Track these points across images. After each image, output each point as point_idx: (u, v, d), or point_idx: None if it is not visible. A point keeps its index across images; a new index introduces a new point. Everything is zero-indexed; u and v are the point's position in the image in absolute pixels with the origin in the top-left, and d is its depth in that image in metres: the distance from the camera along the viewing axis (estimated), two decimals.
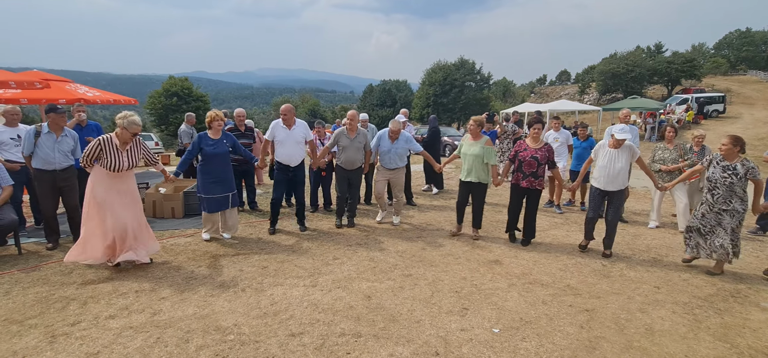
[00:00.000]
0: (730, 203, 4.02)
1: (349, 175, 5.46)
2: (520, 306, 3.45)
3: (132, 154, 4.00)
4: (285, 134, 5.07)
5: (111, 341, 2.84)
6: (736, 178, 3.95)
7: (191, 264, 4.27)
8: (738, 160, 4.01)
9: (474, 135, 5.04)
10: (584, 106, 27.03)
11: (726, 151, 4.02)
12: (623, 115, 6.20)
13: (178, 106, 33.26)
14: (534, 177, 4.81)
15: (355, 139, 5.36)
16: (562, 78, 57.13)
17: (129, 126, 3.86)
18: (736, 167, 3.98)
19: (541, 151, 4.80)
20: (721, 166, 4.06)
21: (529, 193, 4.88)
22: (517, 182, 4.91)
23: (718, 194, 4.06)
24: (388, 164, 5.60)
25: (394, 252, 4.73)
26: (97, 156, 3.83)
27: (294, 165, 5.17)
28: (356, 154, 5.38)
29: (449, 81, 38.16)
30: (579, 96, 41.38)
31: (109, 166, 3.85)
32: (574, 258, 4.64)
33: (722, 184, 4.02)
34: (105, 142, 3.84)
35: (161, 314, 3.23)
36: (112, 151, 3.86)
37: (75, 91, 8.97)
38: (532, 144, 4.90)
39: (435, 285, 3.84)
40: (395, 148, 5.54)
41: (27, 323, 3.08)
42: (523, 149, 4.88)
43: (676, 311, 3.44)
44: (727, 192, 4.00)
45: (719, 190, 4.05)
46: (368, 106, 47.77)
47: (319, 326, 3.08)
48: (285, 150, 5.09)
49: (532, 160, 4.77)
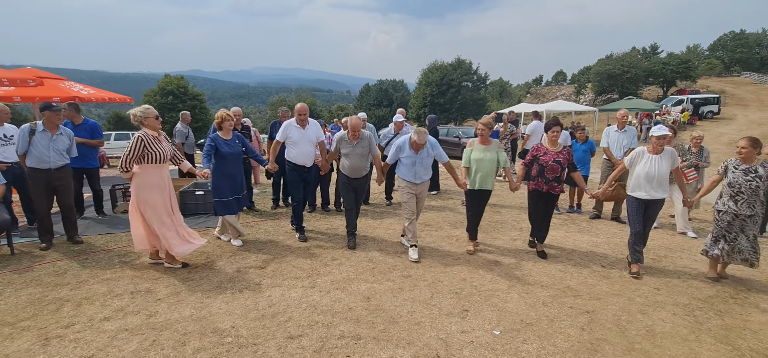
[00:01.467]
0: (753, 208, 3.88)
1: (353, 184, 4.97)
2: (521, 308, 3.43)
3: (166, 144, 4.00)
4: (299, 134, 4.95)
5: (106, 344, 2.78)
6: (759, 180, 3.83)
7: (188, 264, 4.21)
8: (757, 162, 3.90)
9: (484, 140, 4.64)
10: (580, 107, 27.14)
11: (746, 155, 3.90)
12: (621, 116, 6.20)
13: (173, 105, 33.05)
14: (557, 182, 4.56)
15: (358, 145, 4.85)
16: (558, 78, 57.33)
17: (148, 114, 3.82)
18: (757, 169, 3.86)
19: (562, 154, 4.56)
20: (741, 171, 3.91)
21: (548, 197, 4.64)
22: (539, 188, 4.62)
23: (743, 199, 3.89)
24: (414, 179, 4.61)
25: (393, 253, 4.70)
26: (142, 154, 3.74)
27: (309, 165, 5.08)
28: (360, 161, 4.86)
29: (446, 81, 38.20)
30: (575, 96, 41.55)
31: (155, 159, 3.80)
32: (573, 259, 4.62)
33: (747, 188, 3.85)
34: (145, 136, 3.76)
35: (157, 316, 3.18)
36: (154, 143, 3.81)
37: (69, 89, 8.87)
38: (551, 147, 4.63)
39: (434, 286, 3.81)
40: (420, 158, 4.60)
41: (19, 325, 3.01)
42: (544, 154, 4.60)
43: (676, 312, 3.43)
44: (752, 196, 3.86)
45: (744, 195, 3.88)
46: (365, 106, 47.70)
47: (318, 328, 3.04)
48: (300, 150, 4.97)
49: (555, 164, 4.51)
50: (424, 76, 40.35)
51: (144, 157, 3.77)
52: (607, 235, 5.58)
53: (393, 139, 6.73)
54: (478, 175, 4.56)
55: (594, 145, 6.63)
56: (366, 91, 54.49)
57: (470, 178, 4.61)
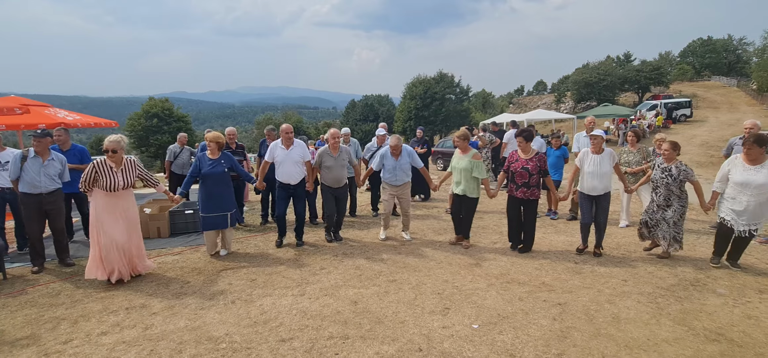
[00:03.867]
0: (669, 201, 4.58)
1: (335, 193, 5.55)
2: (498, 303, 3.67)
3: (126, 174, 4.21)
4: (284, 155, 5.23)
5: (105, 356, 2.92)
6: (671, 179, 4.53)
7: (180, 280, 4.35)
8: (674, 163, 4.56)
9: (462, 149, 5.23)
10: (560, 115, 27.96)
11: (668, 156, 4.56)
12: (588, 123, 6.59)
13: (158, 127, 32.88)
14: (526, 187, 4.88)
15: (339, 157, 5.45)
16: (538, 88, 58.92)
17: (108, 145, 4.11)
18: (671, 169, 4.55)
19: (532, 161, 4.86)
20: (659, 169, 4.64)
21: (525, 203, 4.94)
22: (512, 193, 5.02)
23: (660, 193, 4.63)
24: (395, 182, 5.52)
25: (379, 260, 4.91)
26: (93, 179, 4.05)
27: (294, 183, 5.29)
28: (342, 172, 5.47)
29: (430, 94, 38.92)
30: (556, 105, 42.71)
31: (106, 187, 4.07)
32: (548, 258, 4.90)
33: (662, 184, 4.59)
34: (99, 164, 4.06)
35: (153, 328, 3.32)
36: (107, 171, 4.08)
37: (55, 116, 8.91)
38: (522, 155, 4.98)
39: (418, 288, 4.03)
40: (400, 164, 5.48)
41: (18, 343, 3.12)
42: (515, 160, 4.98)
43: (641, 300, 3.71)
44: (666, 191, 4.57)
45: (660, 189, 4.62)
46: (351, 121, 48.10)
47: (308, 331, 3.22)
48: (284, 169, 5.23)
49: (523, 171, 4.86)
50: (409, 90, 41.06)
51: (96, 183, 4.08)
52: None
53: (376, 151, 7.00)
54: (454, 179, 5.29)
55: (566, 151, 7.00)
56: (352, 107, 54.94)
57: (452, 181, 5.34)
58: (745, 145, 4.25)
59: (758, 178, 4.12)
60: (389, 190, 5.59)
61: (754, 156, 4.19)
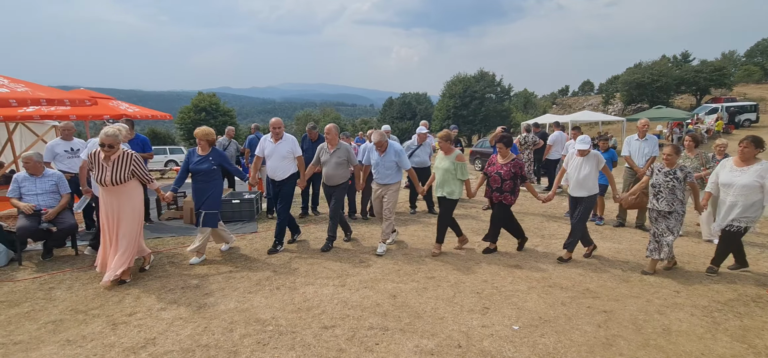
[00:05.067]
0: (673, 206, 4.34)
1: (330, 192, 5.25)
2: (540, 307, 3.61)
3: (117, 168, 3.93)
4: (271, 149, 5.02)
5: (165, 329, 3.17)
6: (677, 182, 4.32)
7: (229, 265, 4.62)
8: (677, 167, 4.39)
9: (445, 150, 5.04)
10: (607, 117, 26.63)
11: (671, 161, 4.36)
12: (641, 125, 6.27)
13: (206, 121, 34.55)
14: (499, 192, 4.94)
15: (335, 153, 5.13)
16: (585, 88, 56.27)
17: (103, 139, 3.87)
18: (675, 172, 4.35)
19: (507, 166, 4.89)
20: (662, 173, 4.42)
21: (498, 206, 5.04)
22: (489, 196, 5.10)
23: (663, 198, 4.39)
24: (378, 179, 5.22)
25: (416, 258, 4.95)
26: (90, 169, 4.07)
27: (278, 179, 5.05)
28: (335, 170, 5.15)
29: (469, 93, 38.28)
30: (603, 106, 40.67)
31: (96, 179, 4.00)
32: (593, 264, 4.74)
33: (665, 187, 4.36)
34: (91, 155, 4.00)
35: (206, 307, 3.56)
36: (97, 164, 3.95)
37: (117, 108, 9.67)
38: (500, 160, 5.03)
39: (457, 287, 4.04)
40: (383, 161, 5.11)
41: (90, 313, 3.45)
42: (492, 164, 5.05)
43: (694, 313, 3.51)
44: (669, 194, 4.33)
45: (663, 193, 4.38)
46: (388, 119, 48.27)
47: (349, 320, 3.33)
48: (270, 164, 5.05)
49: (497, 175, 4.92)
50: (448, 88, 40.58)
51: (91, 174, 4.08)
52: (630, 242, 5.64)
53: (416, 150, 7.03)
54: (437, 181, 5.06)
55: (615, 154, 6.70)
56: (389, 105, 55.14)
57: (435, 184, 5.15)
58: (742, 144, 4.30)
59: (742, 179, 4.20)
60: (375, 187, 5.31)
61: (747, 156, 4.27)
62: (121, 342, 2.98)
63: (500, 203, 5.00)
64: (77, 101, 8.17)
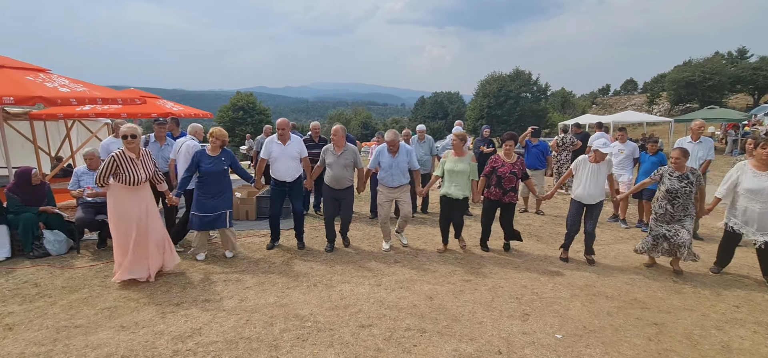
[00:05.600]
0: (687, 210, 4.37)
1: (337, 195, 5.08)
2: (584, 316, 3.46)
3: (145, 165, 3.98)
4: (280, 150, 4.95)
5: (210, 320, 3.29)
6: (691, 186, 4.32)
7: (267, 260, 4.74)
8: (688, 171, 4.38)
9: (459, 151, 4.95)
10: (653, 118, 25.20)
11: (680, 164, 4.35)
12: (696, 127, 5.88)
13: (243, 120, 35.79)
14: (513, 191, 4.95)
15: (341, 156, 4.96)
16: (627, 88, 53.53)
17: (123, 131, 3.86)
18: (688, 176, 4.34)
19: (517, 165, 4.93)
20: (676, 178, 4.36)
21: (505, 206, 5.01)
22: (498, 198, 4.96)
23: (679, 203, 4.36)
24: (391, 182, 5.06)
25: (452, 259, 4.88)
26: (114, 171, 3.77)
27: (290, 181, 5.01)
28: (343, 172, 4.96)
29: (504, 92, 37.46)
30: (648, 107, 38.60)
31: (126, 181, 3.79)
32: (641, 274, 4.49)
33: (683, 193, 4.32)
34: (119, 156, 3.78)
35: (247, 300, 3.66)
36: (127, 163, 3.80)
37: (164, 106, 10.18)
38: (507, 159, 4.96)
39: (495, 291, 3.95)
40: (397, 162, 5.02)
41: (141, 301, 3.64)
42: (501, 165, 4.94)
43: (758, 331, 3.25)
44: (687, 199, 4.34)
45: (680, 199, 4.34)
46: (420, 118, 48.06)
47: (386, 320, 3.33)
48: (280, 165, 4.96)
49: (512, 175, 4.88)
50: (482, 87, 39.89)
51: (117, 176, 3.79)
52: None
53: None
54: (451, 183, 4.91)
55: (665, 158, 6.31)
56: (421, 104, 54.92)
57: (443, 186, 4.99)
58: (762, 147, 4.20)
59: None
60: (385, 193, 5.11)
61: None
62: (169, 330, 3.12)
63: (505, 203, 4.99)
64: (128, 100, 8.67)
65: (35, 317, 3.30)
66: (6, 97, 4.89)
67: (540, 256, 5.05)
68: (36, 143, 8.57)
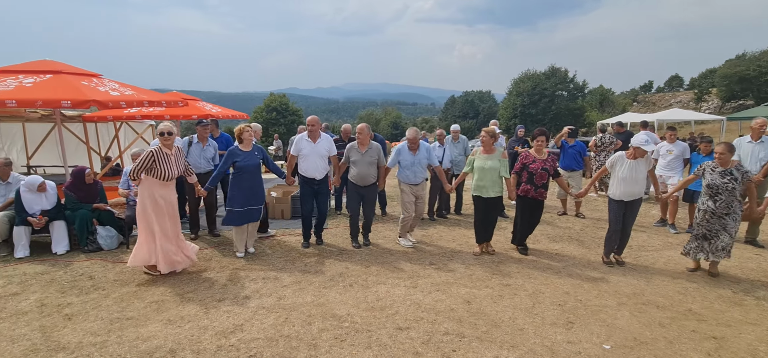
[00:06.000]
0: (731, 207, 4.17)
1: (362, 192, 5.18)
2: (633, 326, 3.27)
3: (179, 161, 4.20)
4: (310, 148, 5.03)
5: (250, 317, 3.37)
6: (735, 183, 4.12)
7: (303, 259, 4.80)
8: (733, 165, 4.19)
9: (487, 148, 4.89)
10: (702, 116, 23.69)
11: (725, 159, 4.16)
12: (758, 125, 5.44)
13: (276, 120, 36.69)
14: (544, 188, 4.92)
15: (366, 154, 5.05)
16: (672, 84, 50.58)
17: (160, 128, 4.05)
18: (732, 172, 4.15)
19: (549, 161, 4.89)
20: (718, 173, 4.20)
21: (535, 203, 4.98)
22: (527, 194, 4.93)
23: (721, 200, 4.18)
24: (414, 179, 5.15)
25: (488, 262, 4.77)
26: (149, 167, 3.97)
27: (318, 178, 5.09)
28: (368, 169, 5.07)
29: (539, 90, 36.37)
30: (695, 104, 36.34)
31: (161, 176, 4.00)
32: (694, 282, 4.21)
33: (724, 189, 4.14)
34: (157, 152, 3.99)
35: (285, 299, 3.72)
36: (163, 159, 4.02)
37: (204, 108, 10.59)
38: (538, 156, 4.92)
39: (536, 297, 3.81)
40: (418, 159, 5.12)
41: (186, 296, 3.78)
42: (532, 162, 4.89)
43: None
44: (729, 196, 4.15)
45: (722, 196, 4.17)
46: (450, 118, 47.50)
47: (423, 324, 3.28)
48: (309, 163, 5.03)
49: (543, 171, 4.84)
50: (515, 86, 38.90)
51: (151, 171, 3.99)
52: (740, 259, 4.92)
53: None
54: (483, 181, 4.85)
55: None
56: (451, 103, 54.32)
57: (473, 185, 4.95)
58: None
59: None
60: (408, 190, 5.16)
61: None
62: (213, 326, 3.22)
63: (535, 200, 4.94)
64: (171, 103, 9.06)
65: (91, 309, 3.50)
66: (64, 100, 5.23)
67: (581, 261, 4.84)
68: (88, 144, 9.12)
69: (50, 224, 4.92)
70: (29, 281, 4.10)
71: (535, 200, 4.95)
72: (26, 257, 4.76)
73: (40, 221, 4.80)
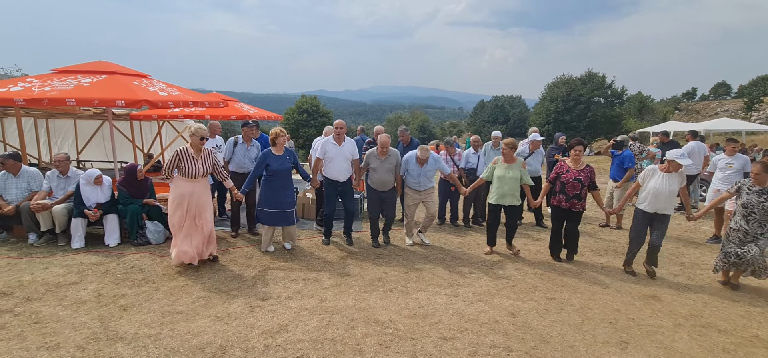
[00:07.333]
0: (765, 226, 4.10)
1: (382, 196, 5.47)
2: (694, 351, 3.08)
3: (205, 162, 4.42)
4: (335, 151, 5.21)
5: (294, 318, 3.40)
6: None
7: (341, 261, 4.82)
8: None
9: (508, 158, 5.06)
10: (754, 126, 22.24)
11: (761, 179, 4.08)
12: None
13: (306, 122, 37.32)
14: (577, 199, 4.84)
15: (386, 161, 5.33)
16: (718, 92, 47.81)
17: (196, 131, 4.31)
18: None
19: (584, 172, 4.82)
20: (755, 192, 4.12)
21: (570, 213, 4.91)
22: (560, 204, 4.93)
23: (755, 219, 4.11)
24: (418, 187, 5.46)
25: (531, 272, 4.63)
26: (176, 165, 4.29)
27: (343, 180, 5.28)
28: (387, 176, 5.36)
29: (574, 96, 35.23)
30: (745, 113, 34.21)
31: (186, 174, 4.30)
32: (759, 305, 3.93)
33: (760, 208, 4.08)
34: (182, 152, 4.29)
35: (327, 301, 3.74)
36: (189, 159, 4.31)
37: (241, 109, 10.89)
38: (573, 166, 4.89)
39: (584, 313, 3.66)
40: (424, 171, 5.39)
41: (231, 293, 3.87)
42: (566, 171, 4.88)
43: None
44: (764, 216, 4.08)
45: (756, 214, 4.10)
46: (479, 123, 46.79)
47: (468, 335, 3.21)
48: (335, 166, 5.22)
49: (576, 182, 4.80)
50: (549, 91, 37.86)
51: (179, 170, 4.30)
52: None
53: (527, 157, 6.63)
54: (501, 190, 5.02)
55: None
56: (480, 108, 53.48)
57: (492, 192, 5.15)
58: None
59: None
60: (413, 195, 5.53)
61: None
62: (259, 324, 3.27)
63: (569, 211, 4.90)
64: (213, 103, 9.37)
65: (143, 301, 3.63)
66: (119, 100, 5.49)
67: (629, 276, 4.62)
68: (134, 141, 9.56)
69: (104, 217, 5.17)
70: (86, 271, 4.31)
71: (569, 210, 4.89)
72: (82, 247, 5.02)
73: (96, 213, 5.05)
